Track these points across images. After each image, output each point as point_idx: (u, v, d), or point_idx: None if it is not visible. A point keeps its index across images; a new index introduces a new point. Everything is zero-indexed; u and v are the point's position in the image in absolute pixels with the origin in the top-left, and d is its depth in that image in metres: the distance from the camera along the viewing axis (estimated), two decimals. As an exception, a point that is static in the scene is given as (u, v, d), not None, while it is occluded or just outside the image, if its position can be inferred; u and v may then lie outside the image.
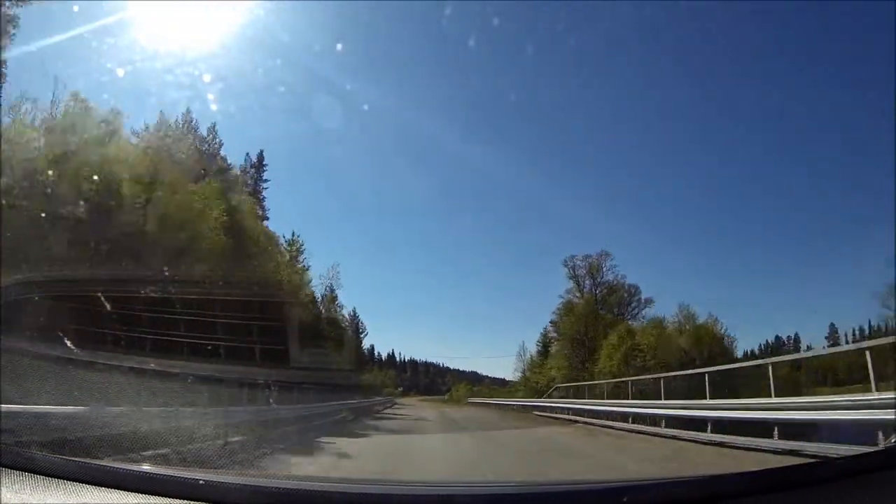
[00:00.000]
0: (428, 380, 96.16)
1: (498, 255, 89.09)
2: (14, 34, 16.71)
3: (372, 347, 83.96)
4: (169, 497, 2.10)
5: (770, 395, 9.78)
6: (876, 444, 5.71)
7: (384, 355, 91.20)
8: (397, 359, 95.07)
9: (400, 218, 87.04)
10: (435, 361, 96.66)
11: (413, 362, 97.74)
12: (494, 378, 78.65)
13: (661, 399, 14.77)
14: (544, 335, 45.59)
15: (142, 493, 2.11)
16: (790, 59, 49.49)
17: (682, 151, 64.09)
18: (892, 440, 2.52)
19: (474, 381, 79.97)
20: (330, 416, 17.89)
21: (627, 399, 17.62)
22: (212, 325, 16.12)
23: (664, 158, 67.61)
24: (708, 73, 56.42)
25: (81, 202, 16.22)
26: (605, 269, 37.87)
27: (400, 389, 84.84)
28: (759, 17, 45.05)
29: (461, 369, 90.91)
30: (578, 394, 24.94)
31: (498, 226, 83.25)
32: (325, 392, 20.74)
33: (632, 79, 59.99)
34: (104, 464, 2.71)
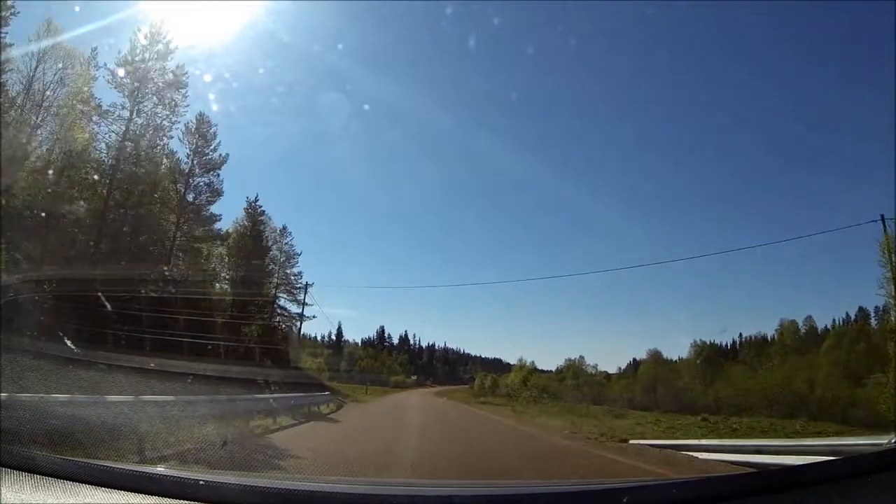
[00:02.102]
0: (447, 367, 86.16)
1: (500, 239, 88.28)
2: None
3: (382, 329, 76.50)
4: (169, 497, 2.10)
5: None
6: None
7: (395, 338, 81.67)
8: (411, 342, 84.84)
9: (402, 208, 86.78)
10: (454, 347, 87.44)
11: (431, 347, 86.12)
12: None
13: None
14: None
15: (142, 493, 2.11)
16: (791, 57, 49.71)
17: (679, 148, 64.61)
18: (892, 441, 2.51)
19: (498, 369, 71.53)
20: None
21: None
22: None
23: (662, 154, 68.36)
24: (707, 72, 56.73)
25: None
26: None
27: (414, 377, 75.24)
28: (759, 17, 45.14)
29: (483, 356, 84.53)
30: None
31: (501, 212, 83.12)
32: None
33: (631, 77, 60.25)
34: (104, 464, 2.70)
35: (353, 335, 74.44)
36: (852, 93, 48.21)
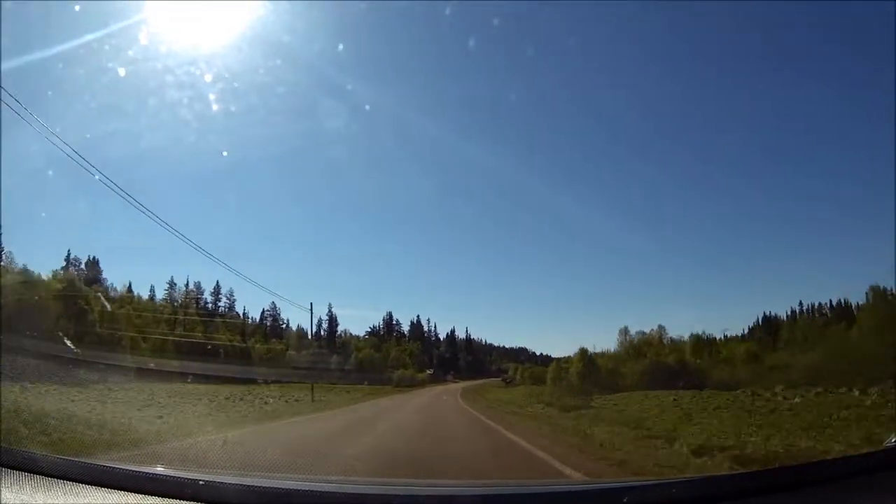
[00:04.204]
0: (470, 357, 75.91)
1: (493, 247, 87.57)
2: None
3: (390, 316, 64.69)
4: (169, 497, 2.10)
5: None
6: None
7: (405, 325, 67.57)
8: (426, 330, 70.41)
9: (401, 210, 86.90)
10: (476, 337, 76.63)
11: (451, 336, 74.99)
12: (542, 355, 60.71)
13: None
14: None
15: (142, 493, 2.12)
16: (791, 59, 49.66)
17: (680, 151, 64.93)
18: (892, 440, 2.51)
19: (524, 359, 64.92)
20: None
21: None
22: None
23: (661, 158, 68.75)
24: (708, 74, 56.67)
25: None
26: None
27: (429, 372, 59.89)
28: (760, 18, 45.06)
29: (505, 346, 78.56)
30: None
31: (495, 219, 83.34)
32: None
33: (631, 79, 60.30)
34: (105, 464, 2.70)
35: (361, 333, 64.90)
36: (852, 95, 48.17)
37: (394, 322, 69.33)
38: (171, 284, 54.55)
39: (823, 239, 63.22)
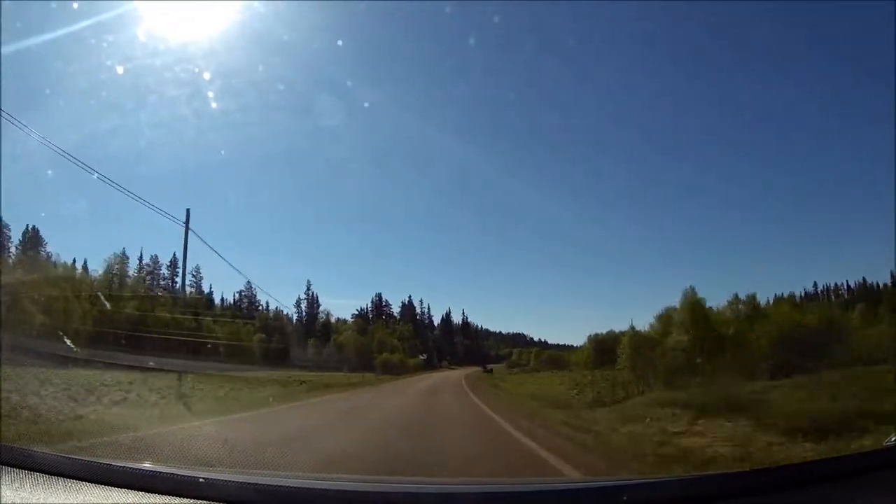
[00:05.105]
0: (467, 341, 71.79)
1: (489, 233, 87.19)
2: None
3: (379, 297, 57.03)
4: (169, 495, 2.10)
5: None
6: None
7: (396, 306, 59.30)
8: (418, 312, 63.03)
9: (397, 200, 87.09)
10: (472, 322, 70.09)
11: (447, 319, 67.96)
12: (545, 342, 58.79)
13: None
14: None
15: (142, 490, 2.12)
16: (786, 59, 49.67)
17: (679, 154, 65.24)
18: (892, 440, 2.50)
19: (521, 345, 63.67)
20: None
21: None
22: None
23: (661, 160, 69.03)
24: (708, 76, 56.72)
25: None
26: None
27: (422, 357, 52.68)
28: (760, 19, 45.02)
29: (502, 331, 76.39)
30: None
31: (493, 204, 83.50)
32: None
33: (631, 79, 60.35)
34: (105, 461, 2.70)
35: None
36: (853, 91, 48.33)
37: (383, 304, 62.73)
38: (122, 256, 44.57)
39: (824, 228, 63.71)
